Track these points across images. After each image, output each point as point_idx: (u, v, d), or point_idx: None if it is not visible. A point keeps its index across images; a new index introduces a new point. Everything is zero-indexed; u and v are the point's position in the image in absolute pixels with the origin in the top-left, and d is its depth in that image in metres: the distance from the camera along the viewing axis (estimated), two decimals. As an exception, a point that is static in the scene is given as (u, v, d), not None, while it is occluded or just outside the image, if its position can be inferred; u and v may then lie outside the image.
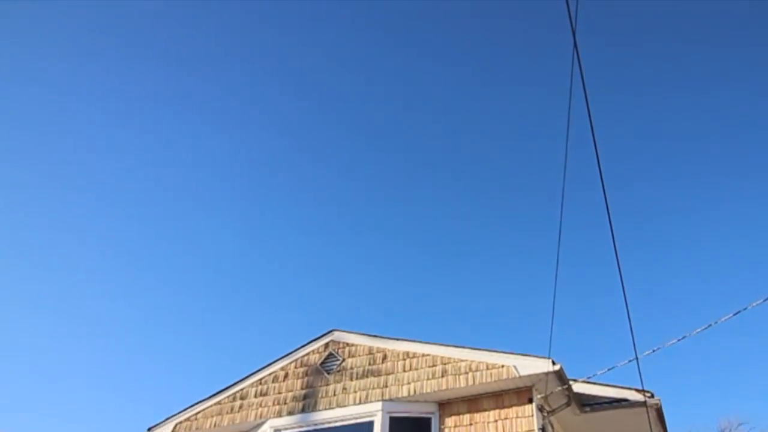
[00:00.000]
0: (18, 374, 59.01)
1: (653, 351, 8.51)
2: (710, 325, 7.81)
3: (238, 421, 11.77)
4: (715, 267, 51.80)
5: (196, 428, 12.15)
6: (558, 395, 9.94)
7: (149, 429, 12.61)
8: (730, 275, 51.26)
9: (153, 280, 56.67)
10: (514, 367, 9.77)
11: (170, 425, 12.44)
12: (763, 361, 54.43)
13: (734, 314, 7.48)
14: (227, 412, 11.98)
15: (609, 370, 9.12)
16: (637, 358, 8.00)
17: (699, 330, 7.89)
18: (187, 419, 12.33)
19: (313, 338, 11.99)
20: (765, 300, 7.00)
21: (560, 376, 9.61)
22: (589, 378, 9.82)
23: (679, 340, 8.18)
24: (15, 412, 57.61)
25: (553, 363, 9.41)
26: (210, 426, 12.03)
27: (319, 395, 11.22)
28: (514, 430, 9.81)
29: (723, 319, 7.63)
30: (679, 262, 52.83)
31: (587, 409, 10.61)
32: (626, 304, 7.41)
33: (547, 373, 9.47)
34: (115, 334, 59.33)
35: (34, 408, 60.23)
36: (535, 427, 9.67)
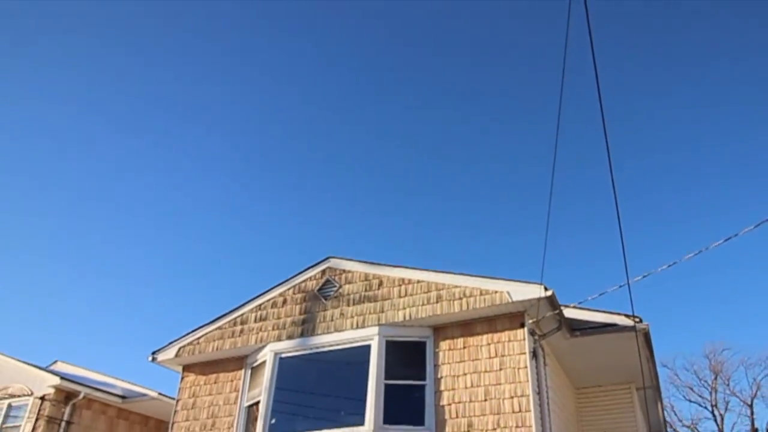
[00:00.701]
0: (26, 302, 60.01)
1: (643, 276, 8.43)
2: (701, 251, 7.70)
3: (239, 345, 11.91)
4: (710, 199, 51.80)
5: (199, 352, 12.30)
6: (549, 320, 9.99)
7: (153, 353, 12.77)
8: (724, 207, 51.33)
9: (158, 224, 56.89)
10: (507, 292, 9.76)
11: (173, 349, 12.58)
12: (749, 289, 55.19)
13: (725, 240, 7.35)
14: (228, 337, 12.10)
15: (600, 295, 9.09)
16: (628, 283, 7.92)
17: (689, 256, 7.78)
18: (190, 343, 12.46)
19: (310, 265, 11.99)
20: (756, 226, 6.84)
21: (552, 302, 9.62)
22: (579, 303, 9.83)
23: (669, 265, 8.08)
24: (22, 338, 58.97)
25: (545, 289, 9.40)
26: (212, 350, 12.17)
27: (317, 320, 11.29)
28: (506, 353, 9.91)
29: (714, 245, 7.51)
30: (674, 195, 52.78)
31: (577, 333, 10.68)
32: (620, 225, 7.25)
33: (539, 299, 9.47)
34: (123, 268, 59.99)
35: (42, 335, 61.58)
36: (527, 351, 9.75)
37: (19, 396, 17.09)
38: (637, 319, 10.02)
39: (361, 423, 9.95)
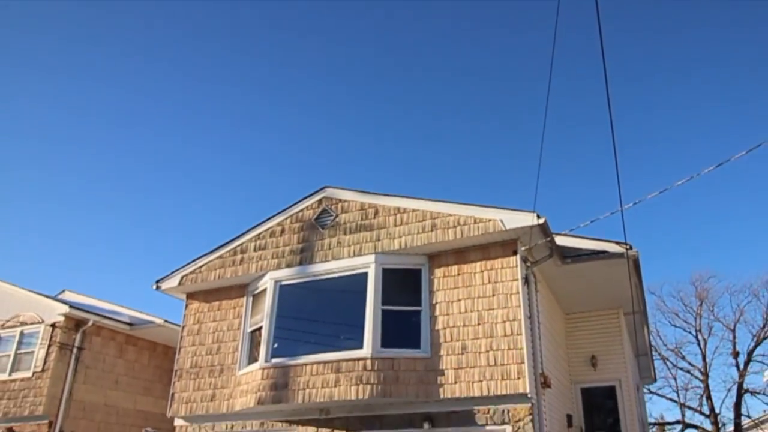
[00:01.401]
0: (33, 234, 60.24)
1: (635, 203, 8.36)
2: (692, 177, 7.59)
3: (240, 274, 11.95)
4: (704, 126, 51.18)
5: (201, 280, 12.36)
6: (541, 247, 9.98)
7: (157, 281, 12.84)
8: (717, 134, 50.73)
9: (161, 152, 56.39)
10: (501, 221, 9.71)
11: (177, 278, 12.65)
12: (739, 216, 55.24)
13: (716, 166, 7.23)
14: (229, 265, 12.13)
15: (591, 222, 9.05)
16: (621, 210, 7.83)
17: (681, 182, 7.67)
18: (192, 272, 12.51)
19: (306, 195, 11.88)
20: (747, 152, 6.70)
21: (544, 229, 9.58)
22: (571, 230, 9.83)
23: (661, 192, 7.99)
24: (29, 269, 59.52)
25: (538, 217, 9.34)
26: (214, 278, 12.23)
27: (315, 249, 11.29)
28: (498, 280, 9.96)
29: (705, 171, 7.38)
30: (668, 122, 52.12)
31: (568, 260, 10.71)
32: (614, 151, 7.10)
33: (531, 227, 9.43)
34: (129, 198, 59.93)
35: (49, 266, 62.12)
36: (519, 277, 9.79)
37: (30, 324, 17.34)
38: (627, 246, 10.02)
39: (360, 347, 10.10)
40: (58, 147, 58.03)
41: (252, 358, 11.37)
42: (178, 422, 12.17)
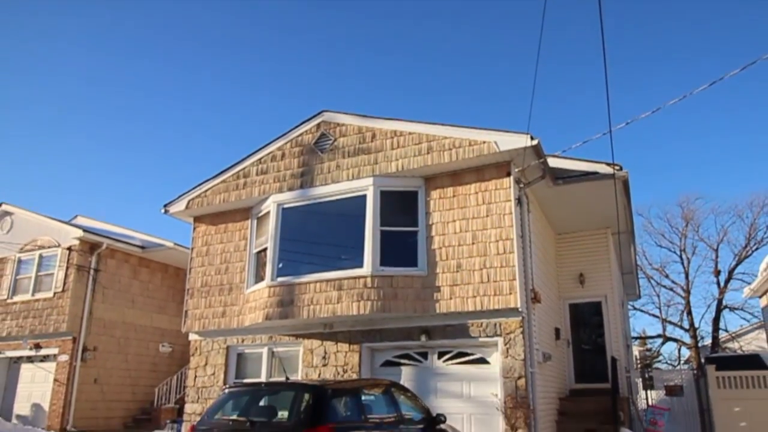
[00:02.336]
0: (44, 161, 60.02)
1: (627, 123, 8.15)
2: (684, 96, 7.35)
3: (243, 197, 11.88)
4: (700, 45, 49.71)
5: (207, 204, 12.31)
6: (534, 169, 9.83)
7: (165, 205, 12.79)
8: (709, 50, 49.33)
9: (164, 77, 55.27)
10: (495, 142, 9.53)
11: (183, 202, 12.59)
12: (728, 137, 54.48)
13: (709, 85, 6.97)
14: (233, 189, 12.03)
15: (583, 143, 8.86)
16: (610, 130, 7.63)
17: (673, 101, 7.43)
18: (198, 196, 12.43)
19: (305, 119, 11.62)
20: (741, 69, 6.43)
21: (537, 151, 9.40)
22: (563, 152, 9.66)
23: (653, 111, 7.78)
24: (42, 195, 59.65)
25: (531, 138, 9.15)
26: (219, 202, 12.17)
27: (315, 172, 11.16)
28: (492, 201, 9.87)
29: (697, 90, 7.13)
30: (664, 42, 50.63)
31: (560, 181, 10.58)
32: (605, 70, 6.85)
33: (525, 148, 9.25)
34: (137, 127, 59.25)
35: (61, 192, 62.20)
36: (512, 198, 9.70)
37: (48, 247, 17.45)
38: (617, 167, 9.87)
39: (360, 265, 10.15)
40: (72, 82, 56.95)
41: (258, 278, 11.47)
42: (192, 337, 12.43)
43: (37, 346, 16.84)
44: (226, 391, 6.75)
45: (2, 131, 59.17)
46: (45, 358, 17.00)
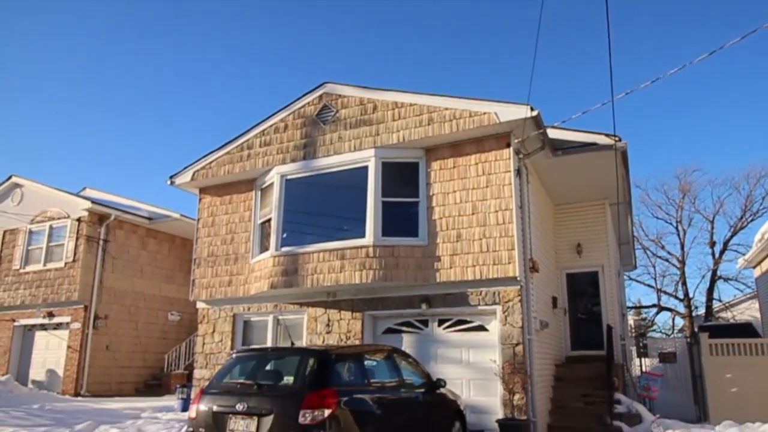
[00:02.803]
0: (52, 134, 59.86)
1: (626, 93, 8.00)
2: (684, 66, 7.21)
3: (247, 169, 11.81)
4: (701, 17, 48.84)
5: (212, 175, 12.24)
6: (533, 140, 9.72)
7: (171, 177, 12.73)
8: (710, 22, 48.46)
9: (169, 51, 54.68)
10: (495, 113, 9.40)
11: (189, 173, 12.53)
12: (727, 109, 53.82)
13: (708, 54, 6.82)
14: (237, 161, 11.96)
15: (583, 113, 8.73)
16: (612, 99, 7.50)
17: (673, 71, 7.29)
18: (203, 168, 12.36)
19: (307, 91, 11.47)
20: (742, 38, 6.28)
21: (537, 122, 9.28)
22: (563, 122, 9.52)
23: (653, 81, 7.62)
24: (50, 168, 59.57)
25: (531, 109, 9.01)
26: (224, 173, 12.10)
27: (318, 144, 11.06)
28: (492, 171, 9.79)
29: (697, 60, 6.99)
30: (666, 14, 49.77)
31: (559, 152, 10.47)
32: (609, 39, 6.70)
33: (525, 119, 9.13)
34: (144, 101, 58.91)
35: (69, 165, 62.14)
36: (511, 169, 9.61)
37: (57, 219, 17.49)
38: (616, 138, 9.75)
39: (362, 236, 10.12)
40: (82, 57, 56.44)
41: (263, 247, 11.47)
42: (200, 305, 12.49)
43: (50, 315, 16.99)
44: (234, 356, 6.78)
45: (12, 104, 58.92)
46: (58, 326, 17.18)
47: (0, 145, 62.20)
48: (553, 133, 10.23)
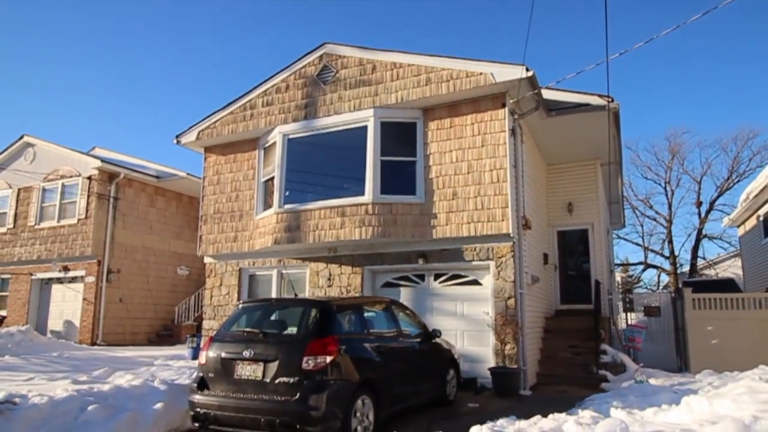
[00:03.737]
0: (61, 93, 59.23)
1: (620, 54, 7.83)
2: (678, 26, 7.01)
3: (250, 128, 11.69)
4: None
5: (216, 135, 12.13)
6: (528, 100, 9.58)
7: (177, 136, 12.62)
8: None
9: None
10: (491, 74, 9.24)
11: (194, 132, 12.40)
12: (719, 70, 52.95)
13: (703, 14, 6.63)
14: (240, 121, 11.82)
15: (577, 74, 8.59)
16: (606, 60, 7.34)
17: (667, 31, 7.09)
18: (208, 127, 12.24)
19: (307, 51, 11.25)
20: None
21: (532, 82, 9.12)
22: (557, 82, 9.34)
23: (647, 42, 7.43)
24: (59, 127, 59.14)
25: (527, 69, 8.85)
26: (227, 132, 11.98)
27: (318, 104, 10.91)
28: (487, 131, 9.69)
29: (690, 20, 6.80)
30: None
31: (553, 113, 10.34)
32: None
33: (520, 80, 8.97)
34: (150, 62, 57.99)
35: (78, 124, 61.68)
36: (506, 129, 9.51)
37: (69, 177, 17.42)
38: (609, 99, 9.60)
39: (362, 193, 10.09)
40: (92, 20, 55.30)
41: (267, 205, 11.45)
42: (207, 260, 12.54)
43: (66, 269, 17.11)
44: (240, 306, 6.82)
45: (24, 63, 58.05)
46: (73, 280, 17.32)
47: (11, 102, 61.63)
48: (547, 94, 10.08)
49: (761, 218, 18.09)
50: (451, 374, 8.20)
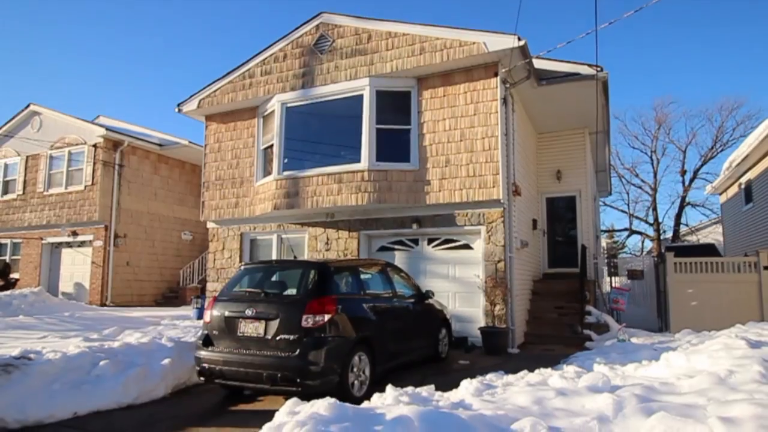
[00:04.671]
0: (67, 62, 58.25)
1: (610, 23, 7.71)
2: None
3: (250, 97, 11.56)
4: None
5: (217, 103, 12.00)
6: (520, 69, 9.47)
7: (179, 104, 12.49)
8: None
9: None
10: (484, 43, 9.11)
11: (195, 101, 12.27)
12: (708, 40, 52.19)
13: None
14: (240, 89, 11.68)
15: (568, 43, 8.64)
16: (596, 29, 7.23)
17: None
18: (208, 96, 12.10)
19: (304, 21, 11.05)
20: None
21: (524, 51, 9.01)
22: (548, 51, 9.24)
23: (636, 10, 7.30)
24: (63, 96, 58.33)
25: (519, 39, 8.74)
26: (227, 101, 11.86)
27: (316, 73, 10.77)
28: (480, 100, 9.62)
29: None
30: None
31: (544, 82, 10.23)
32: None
33: (512, 49, 8.86)
34: (153, 33, 56.83)
35: (82, 92, 60.86)
36: (498, 98, 9.44)
37: (75, 145, 17.28)
38: (598, 68, 9.50)
39: (358, 161, 10.06)
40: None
41: (266, 172, 11.42)
42: (210, 225, 12.57)
43: (74, 233, 17.12)
44: (242, 268, 6.86)
45: (35, 40, 56.89)
46: (82, 244, 17.34)
47: (19, 70, 60.60)
48: (538, 64, 9.96)
49: (743, 186, 18.15)
50: (443, 333, 8.33)
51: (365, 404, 4.37)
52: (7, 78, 60.42)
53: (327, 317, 5.56)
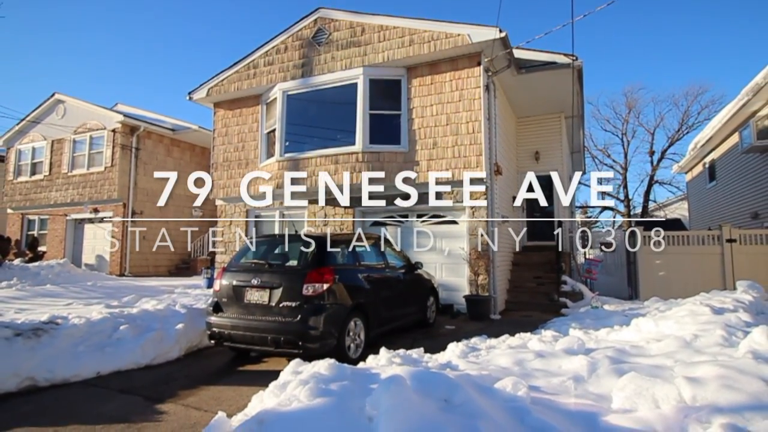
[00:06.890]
0: (87, 52, 57.26)
1: (585, 15, 7.64)
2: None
3: (254, 86, 11.45)
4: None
5: (224, 91, 11.88)
6: (501, 59, 9.41)
7: (189, 93, 12.36)
8: None
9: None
10: (468, 35, 9.03)
11: (204, 89, 12.15)
12: (678, 28, 51.60)
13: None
14: (245, 79, 11.56)
15: (546, 34, 8.49)
16: (572, 21, 7.17)
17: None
18: (216, 85, 11.98)
19: (303, 15, 10.91)
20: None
21: (504, 42, 8.94)
22: (527, 42, 9.15)
23: (608, 4, 7.22)
24: (84, 84, 57.54)
25: (500, 31, 8.66)
26: (234, 89, 11.74)
27: (314, 63, 10.66)
28: (464, 87, 9.57)
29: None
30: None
31: (523, 70, 10.18)
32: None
33: (494, 40, 8.79)
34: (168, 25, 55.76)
35: (101, 81, 60.03)
36: (481, 85, 9.39)
37: (96, 130, 17.15)
38: (573, 57, 9.45)
39: (353, 143, 10.03)
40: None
41: (269, 154, 11.37)
42: (218, 202, 12.57)
43: (96, 210, 17.10)
44: (248, 241, 6.90)
45: (53, 28, 55.76)
46: (102, 220, 17.34)
47: (43, 62, 59.58)
48: (518, 54, 9.89)
49: (707, 165, 18.19)
50: (431, 301, 8.42)
51: (361, 365, 4.45)
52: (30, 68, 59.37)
53: (325, 286, 5.63)
